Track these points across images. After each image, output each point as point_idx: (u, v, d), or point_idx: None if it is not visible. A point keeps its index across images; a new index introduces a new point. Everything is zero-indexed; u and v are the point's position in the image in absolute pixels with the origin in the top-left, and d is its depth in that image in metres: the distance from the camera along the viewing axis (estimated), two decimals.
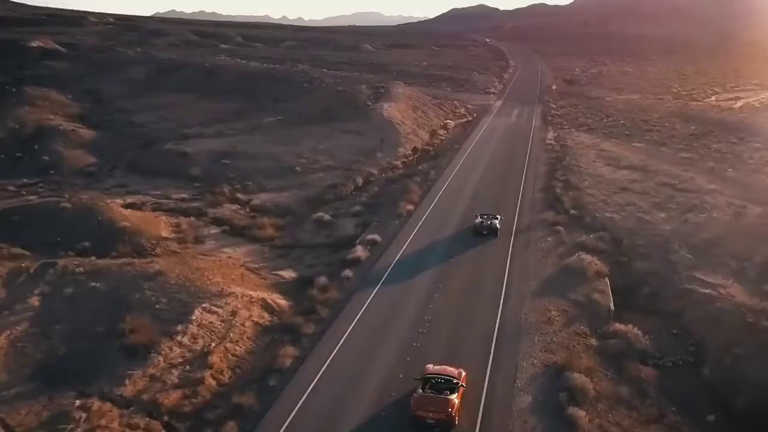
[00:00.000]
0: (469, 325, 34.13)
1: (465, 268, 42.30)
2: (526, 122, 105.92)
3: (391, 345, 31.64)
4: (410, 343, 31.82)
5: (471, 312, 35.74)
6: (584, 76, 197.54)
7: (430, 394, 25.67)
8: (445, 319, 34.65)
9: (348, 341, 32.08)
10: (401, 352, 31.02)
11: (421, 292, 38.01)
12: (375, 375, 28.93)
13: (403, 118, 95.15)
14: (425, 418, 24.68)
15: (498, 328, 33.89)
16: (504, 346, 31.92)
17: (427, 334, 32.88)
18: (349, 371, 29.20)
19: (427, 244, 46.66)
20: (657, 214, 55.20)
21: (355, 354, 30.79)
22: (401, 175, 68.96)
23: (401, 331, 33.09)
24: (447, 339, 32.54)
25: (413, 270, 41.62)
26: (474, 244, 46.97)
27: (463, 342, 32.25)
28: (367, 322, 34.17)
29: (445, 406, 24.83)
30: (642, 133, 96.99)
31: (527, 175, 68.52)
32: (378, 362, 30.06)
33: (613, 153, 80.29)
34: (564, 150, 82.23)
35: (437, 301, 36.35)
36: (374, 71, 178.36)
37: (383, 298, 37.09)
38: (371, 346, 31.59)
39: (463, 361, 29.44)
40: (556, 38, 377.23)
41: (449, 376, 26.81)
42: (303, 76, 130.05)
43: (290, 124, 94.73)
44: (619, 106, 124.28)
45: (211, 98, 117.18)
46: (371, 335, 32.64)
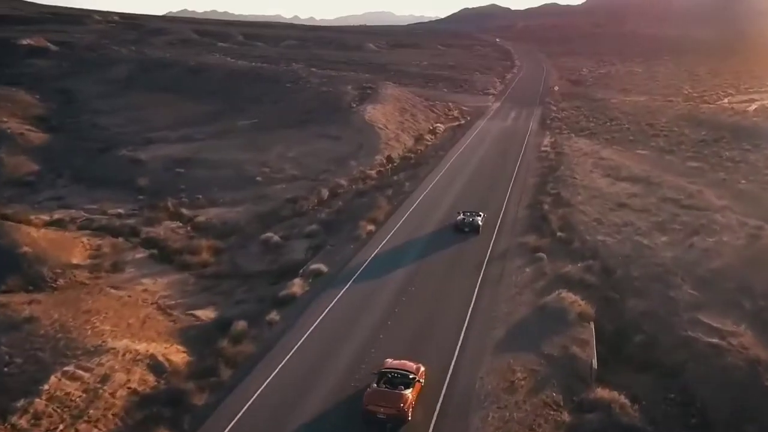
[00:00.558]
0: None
1: (419, 311, 34.65)
2: (522, 126, 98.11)
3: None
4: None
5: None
6: (591, 76, 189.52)
7: (383, 388, 24.79)
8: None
9: (244, 417, 24.64)
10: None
11: (356, 347, 30.42)
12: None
13: (387, 121, 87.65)
14: (376, 413, 23.80)
15: (442, 400, 26.30)
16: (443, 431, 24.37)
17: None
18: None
19: (379, 277, 39.13)
20: (658, 237, 47.45)
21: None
22: (372, 187, 61.58)
23: (315, 406, 25.56)
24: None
25: (355, 313, 34.12)
26: (442, 275, 39.45)
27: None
28: (276, 391, 26.65)
29: (397, 402, 23.98)
30: (647, 138, 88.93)
31: (514, 188, 60.86)
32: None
33: (614, 162, 72.42)
34: (559, 158, 74.49)
35: (370, 365, 28.55)
36: (372, 71, 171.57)
37: (306, 355, 29.55)
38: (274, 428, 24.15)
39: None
40: (565, 38, 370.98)
41: (406, 370, 25.97)
42: (291, 76, 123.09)
43: (266, 128, 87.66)
44: (624, 109, 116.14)
45: (192, 99, 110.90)
46: (276, 412, 25.14)
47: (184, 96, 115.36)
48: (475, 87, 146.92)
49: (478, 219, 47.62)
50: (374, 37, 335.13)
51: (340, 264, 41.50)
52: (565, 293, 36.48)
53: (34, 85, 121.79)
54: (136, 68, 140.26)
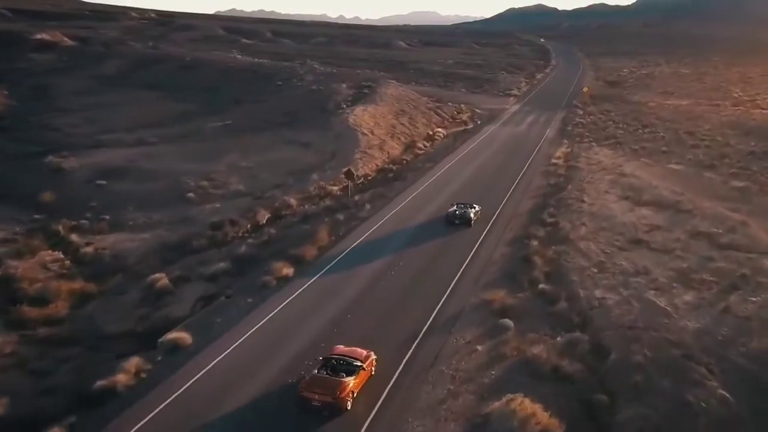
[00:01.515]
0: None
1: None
2: (536, 133, 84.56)
3: None
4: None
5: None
6: (631, 77, 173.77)
7: (322, 375, 23.56)
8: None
9: None
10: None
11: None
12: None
13: (376, 125, 75.22)
14: (311, 400, 22.55)
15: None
16: None
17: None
18: None
19: (267, 365, 26.68)
20: (680, 294, 34.25)
21: None
22: (326, 209, 49.39)
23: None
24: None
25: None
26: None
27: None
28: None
29: (333, 389, 22.59)
30: (684, 149, 74.57)
31: (501, 215, 48.00)
32: None
33: (637, 179, 58.68)
34: (570, 174, 61.16)
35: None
36: (390, 68, 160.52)
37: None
38: None
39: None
40: (611, 38, 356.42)
41: (351, 357, 24.60)
42: (287, 73, 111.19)
43: (235, 131, 76.34)
44: (662, 114, 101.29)
45: (173, 97, 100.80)
46: None
47: (168, 93, 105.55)
48: (497, 87, 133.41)
49: (470, 211, 45.11)
50: (410, 35, 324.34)
51: (217, 332, 29.32)
52: (521, 399, 23.74)
53: (16, 80, 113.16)
54: (130, 64, 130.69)
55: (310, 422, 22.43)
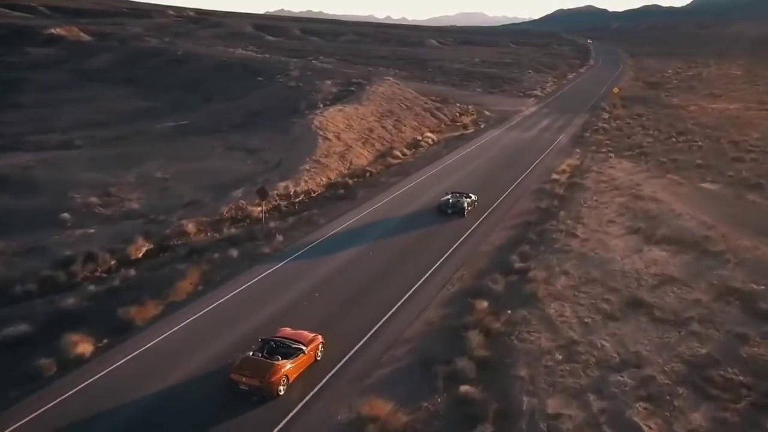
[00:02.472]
0: None
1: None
2: (547, 139, 71.00)
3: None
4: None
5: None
6: (676, 78, 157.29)
7: (254, 357, 21.79)
8: None
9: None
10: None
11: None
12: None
13: (347, 128, 62.87)
14: (239, 383, 20.87)
15: None
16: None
17: None
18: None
19: None
20: (687, 410, 21.10)
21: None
22: (225, 240, 37.07)
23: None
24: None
25: None
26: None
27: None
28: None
29: (263, 372, 20.85)
30: (724, 163, 60.21)
31: (453, 257, 34.95)
32: None
33: (656, 205, 44.93)
34: (570, 194, 47.83)
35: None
36: (408, 66, 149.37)
37: None
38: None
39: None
40: (662, 39, 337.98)
41: (291, 339, 22.98)
42: (281, 68, 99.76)
43: (184, 133, 65.49)
44: (702, 119, 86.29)
45: (147, 93, 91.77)
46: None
47: (144, 89, 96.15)
48: (519, 87, 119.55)
49: (464, 201, 42.29)
50: (446, 34, 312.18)
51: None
52: None
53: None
54: (120, 59, 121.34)
55: (233, 408, 20.29)
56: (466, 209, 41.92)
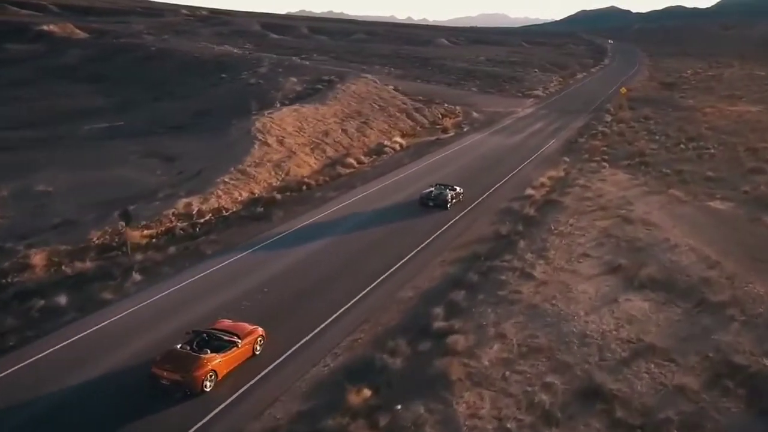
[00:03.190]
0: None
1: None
2: (533, 145, 61.77)
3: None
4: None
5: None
6: (694, 79, 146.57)
7: (180, 350, 19.93)
8: None
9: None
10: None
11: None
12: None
13: (296, 132, 54.20)
14: (160, 378, 19.04)
15: None
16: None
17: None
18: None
19: None
20: None
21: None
22: (74, 277, 28.42)
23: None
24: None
25: None
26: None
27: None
28: None
29: (186, 366, 19.03)
30: (739, 176, 50.58)
31: (359, 304, 26.13)
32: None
33: (647, 231, 35.67)
34: (542, 215, 38.68)
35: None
36: (408, 65, 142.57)
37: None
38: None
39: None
40: (685, 40, 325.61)
41: (226, 331, 21.05)
42: (254, 65, 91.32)
43: (113, 136, 57.37)
44: (718, 123, 76.31)
45: (106, 90, 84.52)
46: None
47: (105, 86, 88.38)
48: (519, 87, 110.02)
49: (447, 193, 39.92)
50: (458, 34, 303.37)
51: None
52: None
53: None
54: (93, 54, 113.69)
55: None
56: (450, 202, 39.52)
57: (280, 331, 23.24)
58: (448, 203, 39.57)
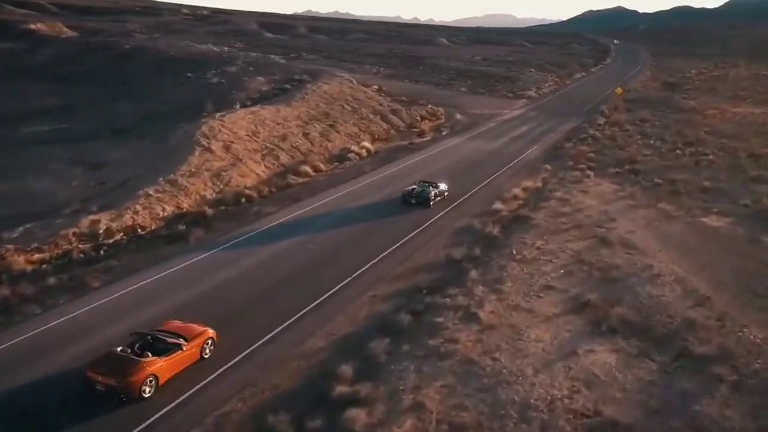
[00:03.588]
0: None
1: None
2: (513, 151, 56.50)
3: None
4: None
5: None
6: (698, 79, 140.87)
7: (119, 352, 18.54)
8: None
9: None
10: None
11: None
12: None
13: (248, 136, 49.07)
14: (95, 383, 17.70)
15: None
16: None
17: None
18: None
19: None
20: None
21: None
22: None
23: None
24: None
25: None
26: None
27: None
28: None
29: (122, 371, 17.69)
30: (739, 185, 45.27)
31: (251, 358, 20.54)
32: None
33: (626, 255, 30.34)
34: (507, 235, 33.44)
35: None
36: (400, 64, 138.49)
37: None
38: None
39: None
40: (691, 40, 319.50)
41: (172, 333, 19.71)
42: (228, 62, 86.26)
43: (53, 140, 52.27)
44: (720, 126, 70.75)
45: (69, 91, 78.64)
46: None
47: (67, 86, 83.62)
48: (512, 87, 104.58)
49: (431, 191, 38.45)
50: (459, 33, 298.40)
51: None
52: None
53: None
54: (68, 53, 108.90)
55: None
56: (432, 200, 38.11)
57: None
58: (431, 201, 37.97)
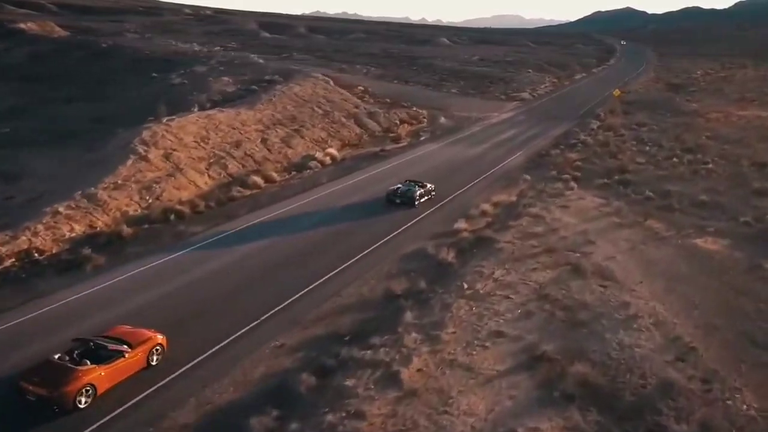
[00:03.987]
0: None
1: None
2: (494, 159, 51.66)
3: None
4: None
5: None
6: (704, 80, 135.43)
7: (55, 360, 17.18)
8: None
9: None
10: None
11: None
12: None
13: (196, 142, 44.35)
14: (26, 392, 16.46)
15: None
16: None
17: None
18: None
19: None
20: None
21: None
22: None
23: None
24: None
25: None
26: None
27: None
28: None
29: (54, 380, 16.29)
30: (740, 200, 40.15)
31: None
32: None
33: (600, 289, 25.38)
34: (463, 262, 28.48)
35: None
36: (392, 65, 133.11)
37: None
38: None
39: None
40: (699, 41, 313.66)
41: (114, 339, 18.23)
42: (203, 61, 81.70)
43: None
44: (723, 131, 65.64)
45: (23, 92, 74.31)
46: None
47: (30, 86, 79.08)
48: (506, 89, 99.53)
49: (416, 190, 37.08)
50: (460, 33, 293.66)
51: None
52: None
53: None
54: (41, 51, 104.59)
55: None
56: (417, 200, 36.94)
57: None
58: (416, 201, 36.76)
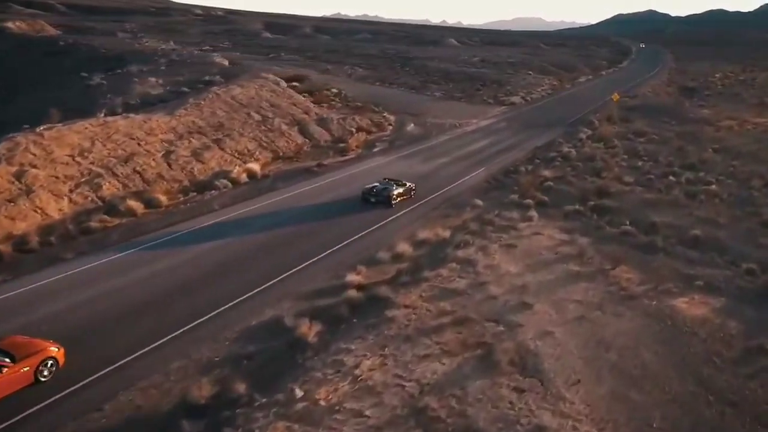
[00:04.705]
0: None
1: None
2: (448, 177, 42.70)
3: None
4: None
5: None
6: (721, 83, 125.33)
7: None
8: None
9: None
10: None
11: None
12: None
13: (71, 156, 36.34)
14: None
15: None
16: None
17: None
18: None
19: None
20: None
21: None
22: None
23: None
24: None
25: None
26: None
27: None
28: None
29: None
30: (743, 237, 30.81)
31: None
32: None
33: (514, 389, 16.00)
34: (329, 338, 19.39)
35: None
36: (382, 65, 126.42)
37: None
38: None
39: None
40: (721, 44, 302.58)
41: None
42: (155, 59, 73.87)
43: None
44: (732, 142, 56.15)
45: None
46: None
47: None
48: (497, 92, 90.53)
49: (393, 189, 35.86)
50: (471, 34, 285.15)
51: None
52: None
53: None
54: (3, 50, 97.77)
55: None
56: (394, 199, 35.34)
57: None
58: (393, 200, 35.44)
